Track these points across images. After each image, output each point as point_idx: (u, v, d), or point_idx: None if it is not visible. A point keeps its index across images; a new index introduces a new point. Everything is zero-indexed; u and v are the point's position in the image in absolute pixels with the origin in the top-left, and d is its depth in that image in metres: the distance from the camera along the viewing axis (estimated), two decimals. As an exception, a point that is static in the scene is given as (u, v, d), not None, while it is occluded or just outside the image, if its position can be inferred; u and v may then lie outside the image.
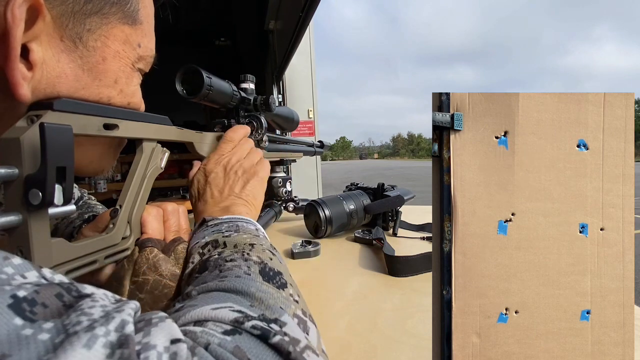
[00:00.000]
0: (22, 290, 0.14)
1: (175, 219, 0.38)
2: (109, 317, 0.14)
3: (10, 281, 0.14)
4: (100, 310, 0.15)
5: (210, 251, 0.29)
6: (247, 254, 0.27)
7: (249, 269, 0.25)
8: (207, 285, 0.22)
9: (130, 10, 0.29)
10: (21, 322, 0.13)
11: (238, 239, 0.30)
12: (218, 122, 0.56)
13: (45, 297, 0.14)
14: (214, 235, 0.31)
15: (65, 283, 0.16)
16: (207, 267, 0.26)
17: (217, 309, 0.19)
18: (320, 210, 0.74)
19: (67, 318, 0.14)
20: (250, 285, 0.22)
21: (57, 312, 0.14)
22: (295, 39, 1.55)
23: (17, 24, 0.22)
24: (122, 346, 0.13)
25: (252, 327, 0.18)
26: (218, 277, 0.23)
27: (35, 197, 0.22)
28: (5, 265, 0.14)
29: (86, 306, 0.15)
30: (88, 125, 0.28)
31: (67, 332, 0.13)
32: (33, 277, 0.15)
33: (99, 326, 0.14)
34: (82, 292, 0.15)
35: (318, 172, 2.46)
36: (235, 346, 0.16)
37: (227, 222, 0.34)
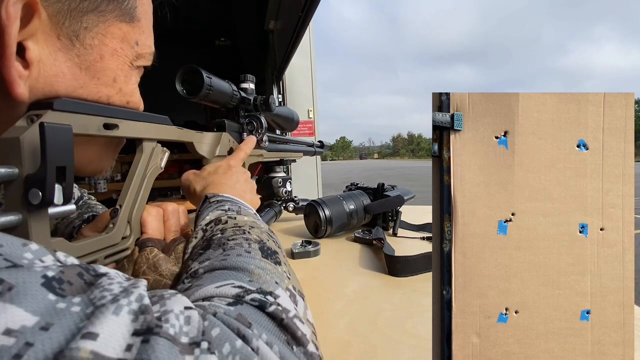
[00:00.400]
0: (50, 270, 0.16)
1: (175, 219, 0.38)
2: (128, 291, 0.17)
3: (32, 266, 0.16)
4: (118, 286, 0.17)
5: (213, 229, 0.31)
6: (248, 233, 0.29)
7: (249, 246, 0.27)
8: (212, 264, 0.25)
9: (127, 8, 0.29)
10: (54, 298, 0.15)
11: (240, 219, 0.32)
12: (218, 122, 0.56)
13: (70, 276, 0.16)
14: (217, 212, 0.33)
15: (82, 264, 0.18)
16: (211, 245, 0.28)
17: (221, 287, 0.22)
18: (320, 210, 0.74)
19: (92, 293, 0.16)
20: (249, 263, 0.25)
21: (82, 288, 0.16)
22: (295, 39, 1.55)
23: (11, 21, 0.22)
24: (144, 313, 0.16)
25: (251, 299, 0.20)
26: (222, 255, 0.26)
27: (35, 197, 0.22)
28: (25, 251, 0.16)
29: (105, 283, 0.17)
30: (88, 125, 0.28)
31: (94, 304, 0.15)
32: (49, 261, 0.17)
33: (122, 298, 0.16)
34: (98, 272, 0.18)
35: (318, 172, 2.46)
36: (238, 314, 0.19)
37: (230, 201, 0.35)
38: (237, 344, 0.17)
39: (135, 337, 0.15)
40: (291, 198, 0.90)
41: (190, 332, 0.16)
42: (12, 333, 0.13)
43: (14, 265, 0.15)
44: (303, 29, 1.42)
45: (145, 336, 0.15)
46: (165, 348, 0.15)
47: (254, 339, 0.18)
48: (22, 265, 0.15)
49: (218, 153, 0.51)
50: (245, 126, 0.62)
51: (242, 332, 0.18)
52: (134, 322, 0.15)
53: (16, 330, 0.13)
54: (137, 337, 0.15)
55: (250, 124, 0.63)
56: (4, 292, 0.14)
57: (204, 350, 0.16)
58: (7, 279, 0.14)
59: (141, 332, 0.15)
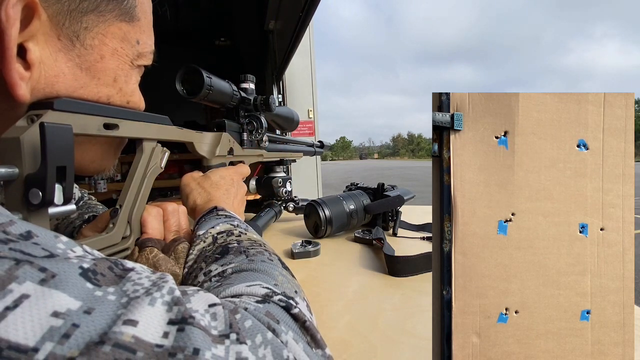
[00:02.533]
0: (85, 262, 0.17)
1: (175, 219, 0.38)
2: (159, 285, 0.18)
3: (66, 254, 0.17)
4: (147, 280, 0.18)
5: (226, 239, 0.32)
6: (264, 246, 0.32)
7: (270, 256, 0.30)
8: (239, 266, 0.27)
9: (127, 7, 0.29)
10: (92, 286, 0.16)
11: (251, 236, 0.33)
12: (218, 122, 0.56)
13: (102, 269, 0.17)
14: (227, 226, 0.34)
15: (110, 258, 0.19)
16: (229, 252, 0.30)
17: (251, 286, 0.23)
18: (320, 210, 0.74)
19: (124, 286, 0.17)
20: (273, 269, 0.27)
21: (114, 280, 0.17)
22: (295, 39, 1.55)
23: (12, 23, 0.22)
24: (177, 304, 0.17)
25: (278, 300, 0.22)
26: (246, 260, 0.28)
27: (36, 197, 0.22)
28: (57, 242, 0.17)
29: (135, 277, 0.18)
30: (88, 125, 0.28)
31: (129, 296, 0.16)
32: (80, 251, 0.18)
33: (155, 291, 0.17)
34: (126, 266, 0.19)
35: (318, 172, 2.46)
36: (267, 311, 0.21)
37: (237, 219, 0.37)
38: (269, 335, 0.19)
39: (171, 326, 0.16)
40: (291, 198, 0.90)
41: (219, 326, 0.18)
42: (60, 315, 0.14)
43: (52, 254, 0.16)
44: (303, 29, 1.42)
45: (181, 325, 0.16)
46: (199, 336, 0.16)
47: (282, 334, 0.19)
48: (58, 255, 0.16)
49: (218, 153, 0.51)
50: (245, 126, 0.62)
51: (272, 326, 0.19)
52: (168, 312, 0.17)
53: (63, 313, 0.14)
54: (172, 325, 0.16)
55: (250, 124, 0.63)
56: (47, 279, 0.15)
57: (234, 340, 0.17)
58: (49, 268, 0.15)
59: (176, 321, 0.16)
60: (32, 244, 0.16)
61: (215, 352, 0.16)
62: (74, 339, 0.14)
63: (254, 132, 0.63)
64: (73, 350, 0.13)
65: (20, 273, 0.14)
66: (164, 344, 0.15)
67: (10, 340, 0.13)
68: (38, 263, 0.15)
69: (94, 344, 0.14)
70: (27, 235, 0.16)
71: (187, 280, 0.30)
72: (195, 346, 0.15)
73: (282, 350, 0.18)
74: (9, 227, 0.16)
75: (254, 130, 0.63)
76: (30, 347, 0.13)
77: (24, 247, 0.16)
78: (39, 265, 0.15)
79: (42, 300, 0.14)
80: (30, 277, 0.14)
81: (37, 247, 0.16)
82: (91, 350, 0.14)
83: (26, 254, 0.15)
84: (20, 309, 0.13)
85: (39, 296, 0.14)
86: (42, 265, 0.15)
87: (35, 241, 0.16)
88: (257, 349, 0.17)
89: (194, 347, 0.15)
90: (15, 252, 0.15)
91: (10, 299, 0.13)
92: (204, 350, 0.16)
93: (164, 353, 0.15)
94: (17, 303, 0.13)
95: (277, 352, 0.18)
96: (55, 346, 0.13)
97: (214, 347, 0.16)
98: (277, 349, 0.18)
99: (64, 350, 0.13)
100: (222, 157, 0.52)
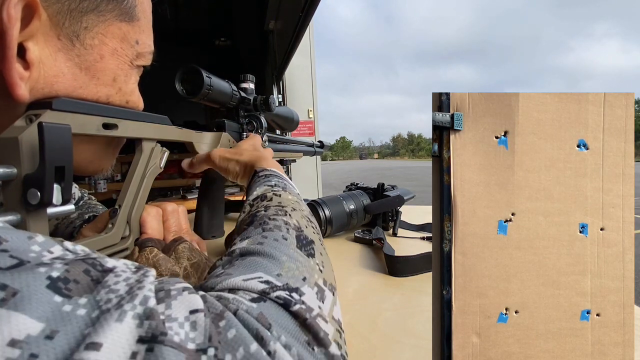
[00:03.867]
0: (54, 270, 0.15)
1: (175, 219, 0.38)
2: (133, 294, 0.16)
3: (40, 258, 0.15)
4: (124, 284, 0.17)
5: (258, 204, 0.31)
6: (289, 216, 0.30)
7: (287, 231, 0.27)
8: (248, 247, 0.25)
9: (127, 7, 0.29)
10: (60, 299, 0.14)
11: (284, 197, 0.32)
12: (218, 122, 0.56)
13: (76, 274, 0.16)
14: (263, 188, 0.34)
15: (89, 257, 0.17)
16: (253, 221, 0.28)
17: (248, 280, 0.21)
18: (320, 210, 0.74)
19: (98, 294, 0.16)
20: (283, 252, 0.25)
21: (88, 287, 0.16)
22: (295, 39, 1.55)
23: (12, 23, 0.22)
24: (149, 318, 0.15)
25: (276, 297, 0.20)
26: (260, 236, 0.26)
27: (34, 197, 0.22)
28: (31, 244, 0.16)
29: (112, 282, 0.16)
30: (87, 125, 0.28)
31: (100, 308, 0.15)
32: (58, 251, 0.17)
33: (126, 303, 0.16)
34: (106, 266, 0.17)
35: (318, 172, 2.46)
36: (259, 312, 0.19)
37: (277, 177, 0.36)
38: (252, 347, 0.17)
39: (140, 345, 0.15)
40: (291, 198, 0.90)
41: (197, 338, 0.16)
42: (17, 344, 0.12)
43: (20, 262, 0.15)
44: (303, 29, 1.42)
45: (150, 344, 0.15)
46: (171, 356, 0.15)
47: (271, 342, 0.18)
48: (28, 261, 0.15)
49: None
50: (245, 126, 0.62)
51: (261, 333, 0.18)
52: (138, 328, 0.15)
53: (21, 341, 0.13)
54: (142, 344, 0.15)
55: (250, 123, 0.63)
56: (7, 299, 0.13)
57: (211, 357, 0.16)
58: (10, 284, 0.14)
59: (146, 339, 0.15)
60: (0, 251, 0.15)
61: None
62: None
63: (254, 132, 0.63)
64: None
65: None
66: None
67: None
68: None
69: None
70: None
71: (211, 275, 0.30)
72: None
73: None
74: None
75: (254, 130, 0.63)
76: None
77: None
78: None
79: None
80: None
81: (4, 255, 0.15)
82: None
83: None
84: None
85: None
86: (2, 282, 0.13)
87: (3, 247, 0.15)
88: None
89: None
90: None
91: None
92: None
93: None
94: None
95: None
96: None
97: None
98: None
99: None
100: None
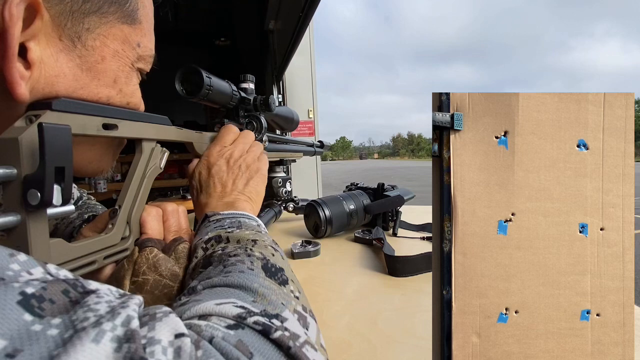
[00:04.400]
0: (30, 287, 0.14)
1: (175, 219, 0.38)
2: (115, 312, 0.15)
3: (17, 278, 0.14)
4: (106, 305, 0.15)
5: (214, 246, 0.30)
6: (250, 250, 0.28)
7: (252, 264, 0.25)
8: (212, 281, 0.23)
9: (129, 10, 0.29)
10: (30, 318, 0.13)
11: (240, 234, 0.30)
12: (218, 122, 0.56)
13: (53, 294, 0.14)
14: (216, 231, 0.32)
15: (70, 279, 0.16)
16: (211, 262, 0.27)
17: (221, 304, 0.20)
18: (320, 210, 0.74)
19: (75, 314, 0.14)
20: (253, 281, 0.23)
21: (64, 308, 0.14)
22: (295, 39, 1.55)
23: (14, 22, 0.22)
24: (129, 340, 0.14)
25: (254, 322, 0.18)
26: (222, 272, 0.24)
27: (34, 198, 0.22)
28: (11, 262, 0.15)
29: (92, 302, 0.15)
30: (87, 125, 0.28)
31: (75, 327, 0.14)
32: (39, 273, 0.15)
33: (106, 322, 0.14)
34: (87, 288, 0.16)
35: (318, 172, 2.46)
36: (238, 340, 0.17)
37: (230, 218, 0.34)
38: None
39: None
40: (291, 198, 0.90)
41: None
42: None
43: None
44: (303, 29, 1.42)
45: None
46: None
47: None
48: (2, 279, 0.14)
49: None
50: (245, 126, 0.62)
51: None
52: (116, 353, 0.14)
53: None
54: None
55: (250, 124, 0.63)
56: None
57: None
58: None
59: None
60: None
61: None
62: None
63: (254, 132, 0.63)
64: None
65: None
66: None
67: None
68: None
69: None
70: None
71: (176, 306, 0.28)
72: None
73: None
74: None
75: (254, 130, 0.63)
76: None
77: None
78: None
79: None
80: None
81: None
82: None
83: None
84: None
85: None
86: None
87: None
88: None
89: None
90: None
91: None
92: None
93: None
94: None
95: None
96: None
97: None
98: None
99: None
100: None
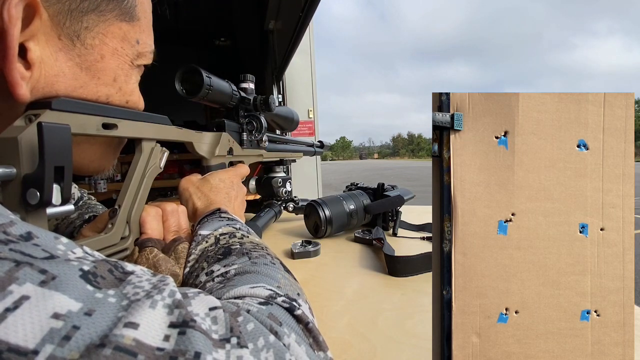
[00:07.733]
0: (85, 264, 0.17)
1: (175, 219, 0.38)
2: (160, 288, 0.18)
3: (67, 255, 0.17)
4: (148, 283, 0.18)
5: (228, 240, 0.32)
6: (266, 249, 0.32)
7: (272, 259, 0.30)
8: (242, 268, 0.27)
9: (127, 7, 0.29)
10: (92, 289, 0.16)
11: (253, 239, 0.34)
12: (217, 122, 0.56)
13: (102, 271, 0.17)
14: (229, 228, 0.35)
15: (112, 260, 0.19)
16: (231, 253, 0.30)
17: (254, 288, 0.24)
18: (320, 210, 0.74)
19: (124, 289, 0.17)
20: (276, 272, 0.27)
21: (113, 283, 0.17)
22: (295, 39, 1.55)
23: (13, 23, 0.22)
24: (178, 307, 0.17)
25: (282, 301, 0.22)
26: (249, 262, 0.28)
27: (33, 197, 0.22)
28: (58, 243, 0.17)
29: (136, 280, 0.18)
30: (87, 125, 0.28)
31: (129, 299, 0.16)
32: (80, 252, 0.18)
33: (156, 294, 0.17)
34: (126, 269, 0.18)
35: (318, 172, 2.46)
36: (269, 313, 0.21)
37: (240, 223, 0.37)
38: (271, 339, 0.19)
39: (172, 329, 0.16)
40: (291, 198, 0.90)
41: (219, 330, 0.18)
42: (60, 317, 0.14)
43: (52, 256, 0.16)
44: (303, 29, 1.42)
45: (182, 328, 0.16)
46: (200, 340, 0.16)
47: (285, 336, 0.19)
48: (58, 257, 0.16)
49: (217, 153, 0.50)
50: (245, 126, 0.62)
51: (275, 328, 0.19)
52: (169, 315, 0.16)
53: (63, 314, 0.14)
54: (174, 328, 0.16)
55: (250, 123, 0.63)
56: (48, 281, 0.15)
57: (234, 345, 0.17)
58: (49, 270, 0.15)
59: (177, 324, 0.16)
60: (33, 245, 0.16)
61: (216, 357, 0.16)
62: (74, 341, 0.13)
63: (254, 132, 0.63)
64: (73, 352, 0.13)
65: (21, 274, 0.14)
66: (165, 347, 0.15)
67: (10, 342, 0.13)
68: (38, 265, 0.15)
69: (95, 346, 0.14)
70: (27, 236, 0.16)
71: (188, 280, 0.31)
72: (196, 350, 0.15)
73: (285, 353, 0.18)
74: (10, 228, 0.16)
75: (254, 130, 0.63)
76: (30, 349, 0.13)
77: (24, 248, 0.15)
78: (39, 267, 0.15)
79: (43, 301, 0.14)
80: (30, 279, 0.14)
81: (38, 248, 0.16)
82: (92, 353, 0.13)
83: (26, 255, 0.15)
84: (20, 310, 0.13)
85: (39, 298, 0.14)
86: (42, 267, 0.15)
87: (35, 242, 0.16)
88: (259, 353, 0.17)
89: (195, 351, 0.15)
90: (15, 253, 0.15)
91: (10, 301, 0.13)
92: (205, 354, 0.15)
93: (165, 356, 0.15)
94: (17, 304, 0.13)
95: (280, 356, 0.18)
96: (56, 348, 0.13)
97: (215, 352, 0.16)
98: (280, 352, 0.18)
99: (64, 352, 0.13)
100: (221, 157, 0.52)
